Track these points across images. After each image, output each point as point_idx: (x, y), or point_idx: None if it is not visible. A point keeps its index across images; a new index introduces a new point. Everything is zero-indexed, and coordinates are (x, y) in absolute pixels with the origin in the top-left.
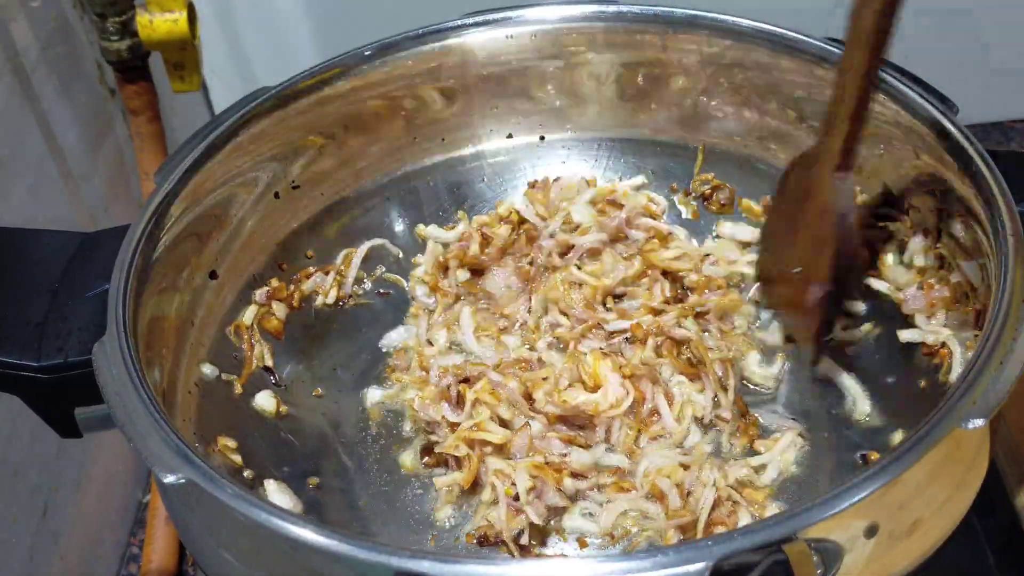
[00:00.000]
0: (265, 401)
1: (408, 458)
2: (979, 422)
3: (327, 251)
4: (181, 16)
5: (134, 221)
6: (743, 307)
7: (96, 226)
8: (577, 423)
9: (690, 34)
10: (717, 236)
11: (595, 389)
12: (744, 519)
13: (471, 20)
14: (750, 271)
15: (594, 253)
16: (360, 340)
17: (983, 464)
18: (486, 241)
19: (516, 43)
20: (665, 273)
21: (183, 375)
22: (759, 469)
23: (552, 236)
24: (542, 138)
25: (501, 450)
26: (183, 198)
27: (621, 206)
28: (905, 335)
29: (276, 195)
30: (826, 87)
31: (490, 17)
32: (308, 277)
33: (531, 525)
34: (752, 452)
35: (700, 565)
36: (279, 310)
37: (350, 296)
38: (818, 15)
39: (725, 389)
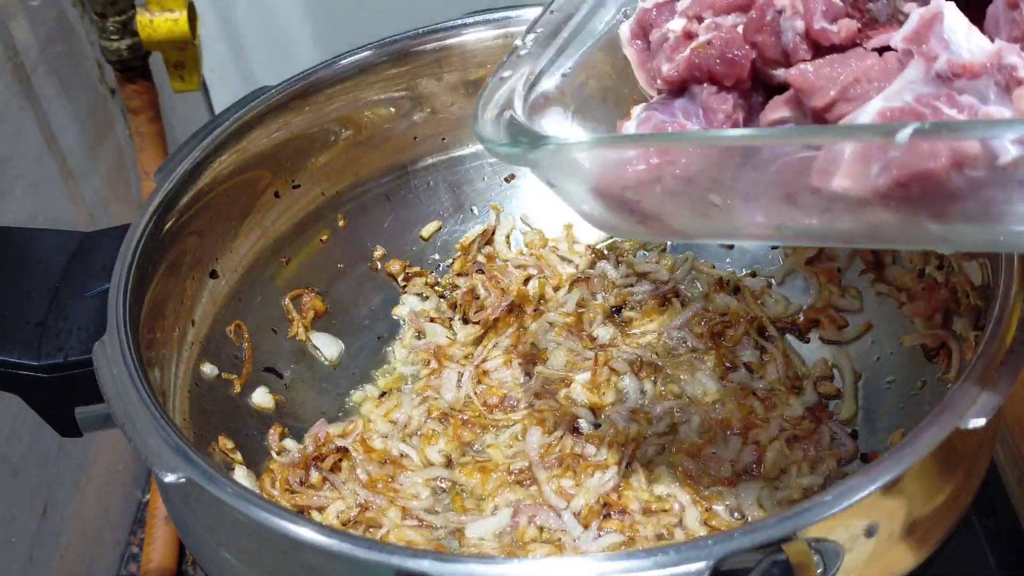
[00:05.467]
0: (263, 398)
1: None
2: (979, 422)
3: (328, 251)
4: (181, 16)
5: (134, 220)
6: None
7: (96, 225)
8: None
9: None
10: None
11: None
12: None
13: (471, 20)
14: None
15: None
16: (361, 339)
17: (983, 464)
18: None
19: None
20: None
21: (183, 375)
22: None
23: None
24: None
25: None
26: (183, 197)
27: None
28: (906, 336)
29: (276, 194)
30: None
31: (490, 17)
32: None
33: None
34: None
35: (700, 564)
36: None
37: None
38: None
39: None
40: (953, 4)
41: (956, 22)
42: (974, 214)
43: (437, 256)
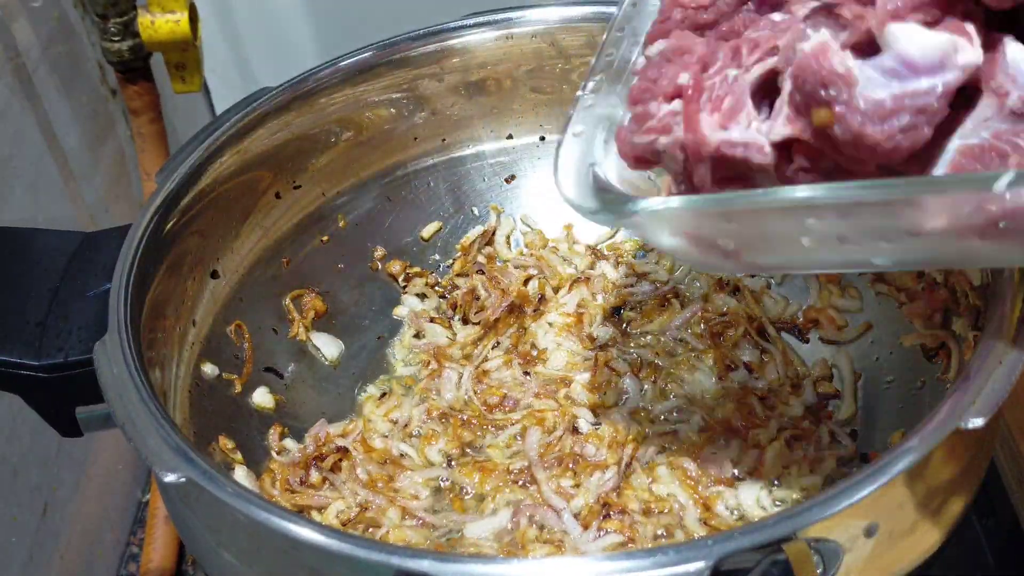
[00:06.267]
0: (263, 398)
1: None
2: (979, 421)
3: (328, 251)
4: (182, 17)
5: (135, 221)
6: None
7: (96, 226)
8: None
9: None
10: None
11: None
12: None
13: (471, 21)
14: None
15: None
16: (361, 339)
17: (983, 464)
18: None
19: (516, 44)
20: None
21: (183, 374)
22: None
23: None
24: (542, 138)
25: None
26: (184, 198)
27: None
28: (905, 336)
29: (277, 195)
30: None
31: (490, 18)
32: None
33: None
34: None
35: (700, 564)
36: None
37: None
38: None
39: None
40: (1011, 37)
41: (1018, 54)
42: None
43: (437, 256)
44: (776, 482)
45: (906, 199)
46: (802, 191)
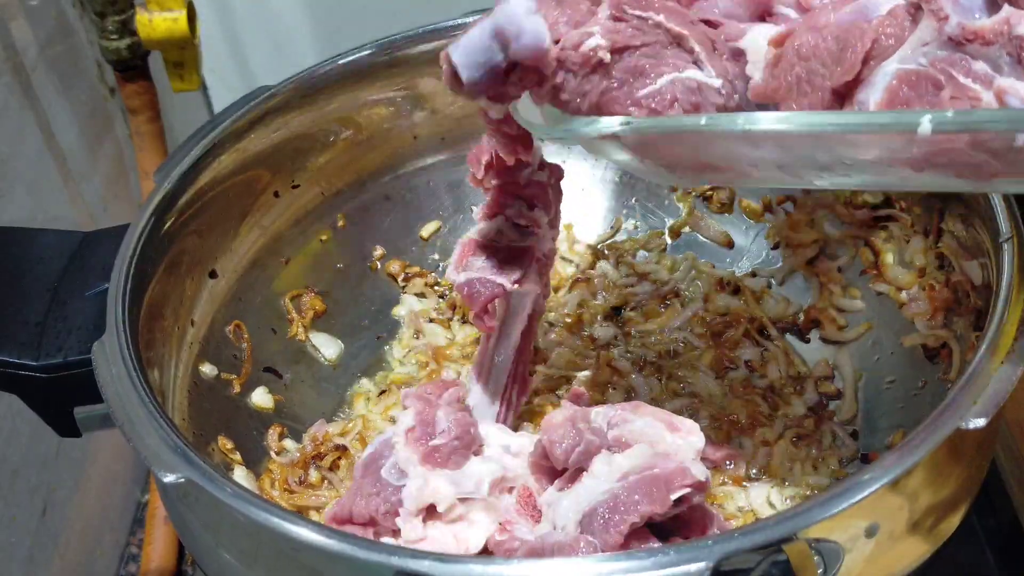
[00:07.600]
0: (262, 398)
1: None
2: (979, 422)
3: (327, 251)
4: (181, 15)
5: (134, 220)
6: None
7: (96, 225)
8: None
9: None
10: None
11: None
12: None
13: (471, 20)
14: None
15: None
16: (360, 339)
17: (983, 464)
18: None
19: None
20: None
21: (182, 374)
22: None
23: None
24: (541, 139)
25: None
26: (183, 197)
27: None
28: (907, 336)
29: (276, 194)
30: None
31: None
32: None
33: None
34: None
35: (700, 565)
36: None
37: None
38: None
39: None
40: None
41: None
42: (999, 172)
43: (437, 256)
44: (785, 481)
45: (837, 135)
46: (738, 120)
